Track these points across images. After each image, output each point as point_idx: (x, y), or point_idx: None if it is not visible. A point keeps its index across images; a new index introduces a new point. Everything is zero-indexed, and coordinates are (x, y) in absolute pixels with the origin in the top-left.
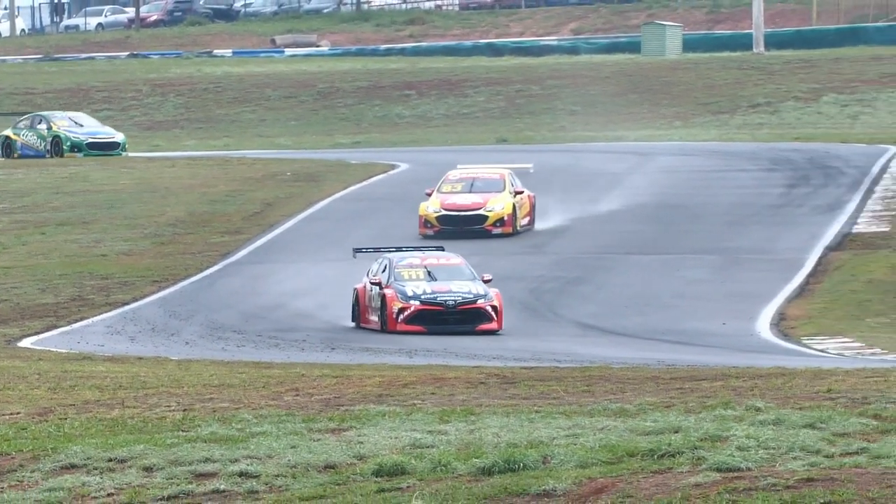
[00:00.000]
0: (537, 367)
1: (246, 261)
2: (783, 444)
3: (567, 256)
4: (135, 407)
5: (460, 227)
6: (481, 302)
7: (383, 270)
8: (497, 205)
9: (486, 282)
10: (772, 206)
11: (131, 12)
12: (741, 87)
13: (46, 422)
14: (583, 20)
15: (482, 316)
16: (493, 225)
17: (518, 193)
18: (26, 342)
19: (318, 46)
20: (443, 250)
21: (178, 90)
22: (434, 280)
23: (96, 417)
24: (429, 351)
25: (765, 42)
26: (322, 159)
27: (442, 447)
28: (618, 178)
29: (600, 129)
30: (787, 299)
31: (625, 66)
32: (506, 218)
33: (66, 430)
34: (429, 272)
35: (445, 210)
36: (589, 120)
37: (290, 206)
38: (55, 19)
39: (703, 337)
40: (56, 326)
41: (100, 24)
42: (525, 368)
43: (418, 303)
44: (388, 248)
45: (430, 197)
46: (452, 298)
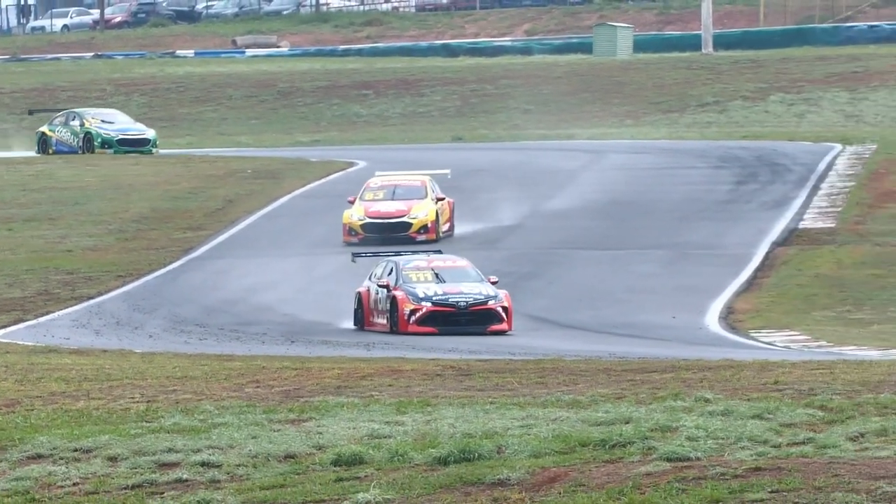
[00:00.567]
0: (492, 360)
1: (208, 256)
2: (732, 434)
3: (520, 252)
4: (100, 398)
5: (385, 234)
6: (492, 303)
7: (389, 273)
8: (421, 212)
9: (492, 283)
10: (720, 203)
11: (96, 14)
12: (690, 86)
13: (13, 413)
14: (536, 21)
15: (493, 317)
16: (418, 232)
17: (439, 200)
18: None
19: (278, 47)
20: (441, 253)
21: (141, 90)
22: (443, 282)
23: (62, 409)
24: (387, 344)
25: (713, 43)
26: (282, 157)
27: (399, 437)
28: (570, 175)
29: (553, 128)
30: (736, 293)
31: (577, 66)
32: (429, 225)
33: (32, 421)
34: (436, 274)
35: (370, 218)
36: (542, 119)
37: (250, 203)
38: (21, 21)
39: (653, 330)
40: (23, 320)
41: (65, 26)
42: (480, 361)
43: (430, 304)
44: (387, 252)
45: (352, 204)
46: (464, 300)
